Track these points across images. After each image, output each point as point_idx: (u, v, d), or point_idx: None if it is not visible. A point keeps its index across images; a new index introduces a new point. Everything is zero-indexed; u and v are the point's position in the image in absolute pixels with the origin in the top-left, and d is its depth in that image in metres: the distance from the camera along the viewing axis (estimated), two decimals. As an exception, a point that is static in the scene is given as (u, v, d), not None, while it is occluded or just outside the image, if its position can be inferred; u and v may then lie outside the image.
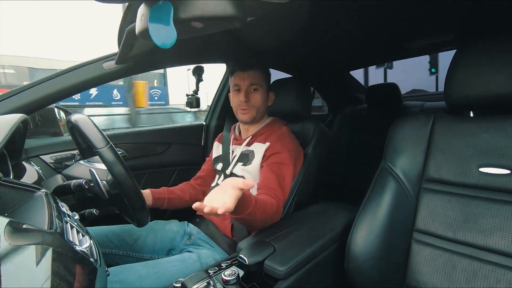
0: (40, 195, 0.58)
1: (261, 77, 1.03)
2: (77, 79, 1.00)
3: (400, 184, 0.74)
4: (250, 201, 0.72)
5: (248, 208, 0.72)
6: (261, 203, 0.77)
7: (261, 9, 0.53)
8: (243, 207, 0.71)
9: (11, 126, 0.66)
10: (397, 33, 1.15)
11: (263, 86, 1.03)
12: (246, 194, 0.71)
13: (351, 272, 0.73)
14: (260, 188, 0.91)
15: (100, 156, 0.69)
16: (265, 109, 1.07)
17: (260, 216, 0.77)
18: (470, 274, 0.62)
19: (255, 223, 0.79)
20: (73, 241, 0.50)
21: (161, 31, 0.46)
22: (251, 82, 1.01)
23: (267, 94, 1.06)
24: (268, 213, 0.80)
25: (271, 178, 0.91)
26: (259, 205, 0.75)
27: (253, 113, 1.02)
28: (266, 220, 0.81)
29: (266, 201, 0.81)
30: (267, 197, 0.86)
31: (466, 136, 0.68)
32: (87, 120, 0.72)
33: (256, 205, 0.74)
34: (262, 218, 0.78)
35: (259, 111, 1.03)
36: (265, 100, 1.05)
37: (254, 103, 1.02)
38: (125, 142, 1.42)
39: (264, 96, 1.04)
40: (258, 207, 0.75)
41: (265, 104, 1.06)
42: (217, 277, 0.66)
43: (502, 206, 0.61)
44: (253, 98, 1.02)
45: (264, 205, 0.79)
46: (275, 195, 0.88)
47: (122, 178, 0.69)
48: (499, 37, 0.63)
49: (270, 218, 0.82)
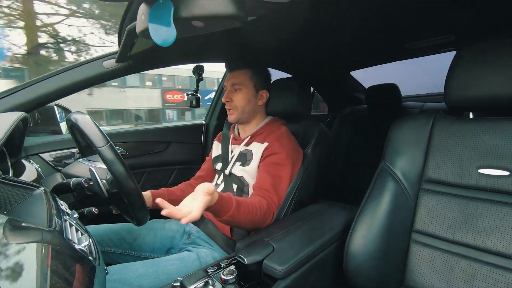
0: (40, 193, 0.58)
1: (246, 77, 1.01)
2: (77, 77, 1.00)
3: (400, 185, 0.74)
4: (230, 205, 0.73)
5: (228, 211, 0.73)
6: (246, 206, 0.78)
7: (262, 9, 0.53)
8: (222, 211, 0.72)
9: (10, 124, 0.66)
10: (398, 34, 1.15)
11: (248, 85, 1.02)
12: (225, 198, 0.73)
13: (350, 272, 0.73)
14: (255, 189, 0.91)
15: (100, 155, 0.68)
16: (254, 109, 1.05)
17: (244, 219, 0.78)
18: (469, 275, 0.62)
19: (241, 225, 0.80)
20: (72, 239, 0.50)
21: (161, 30, 0.46)
22: (233, 82, 1.02)
23: (255, 93, 1.04)
24: (255, 216, 0.80)
25: (266, 179, 0.91)
26: (242, 208, 0.76)
27: (236, 114, 1.02)
28: (254, 222, 0.81)
29: (253, 203, 0.81)
30: (258, 199, 0.86)
31: (466, 137, 0.69)
32: (87, 118, 0.72)
33: (239, 209, 0.75)
34: (248, 221, 0.79)
35: (244, 111, 1.02)
36: (250, 100, 1.03)
37: (237, 103, 1.01)
38: (125, 141, 1.42)
39: (248, 96, 1.02)
40: (242, 210, 0.76)
41: (252, 104, 1.04)
42: (216, 276, 0.66)
43: (501, 208, 0.61)
44: (235, 98, 1.01)
45: (250, 207, 0.79)
46: (268, 197, 0.88)
47: (121, 177, 0.69)
48: (499, 39, 0.63)
49: (259, 220, 0.82)
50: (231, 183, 1.01)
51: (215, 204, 0.69)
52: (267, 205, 0.85)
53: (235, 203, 0.75)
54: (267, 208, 0.85)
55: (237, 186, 0.99)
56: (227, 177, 1.03)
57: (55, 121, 1.60)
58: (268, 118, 1.10)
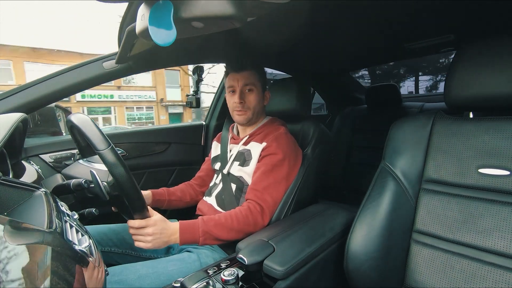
0: (40, 194, 0.58)
1: (255, 77, 1.02)
2: (77, 78, 1.00)
3: (400, 185, 0.74)
4: (196, 225, 0.80)
5: (198, 230, 0.79)
6: (216, 220, 0.82)
7: (262, 9, 0.53)
8: (193, 235, 0.79)
9: (10, 125, 0.66)
10: (398, 34, 1.15)
11: (258, 86, 1.02)
12: (189, 222, 0.80)
13: (350, 272, 0.73)
14: (248, 189, 0.92)
15: (101, 158, 0.68)
16: (261, 109, 1.06)
17: (221, 232, 0.81)
18: (469, 275, 0.62)
19: (224, 238, 0.83)
20: (72, 240, 0.50)
21: (161, 30, 0.46)
22: (245, 83, 1.00)
23: (263, 94, 1.05)
24: (233, 224, 0.83)
25: (261, 180, 0.91)
26: (213, 223, 0.81)
27: (248, 114, 1.02)
28: (235, 230, 0.83)
29: (226, 215, 0.84)
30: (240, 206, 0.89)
31: (466, 137, 0.69)
32: (87, 120, 0.72)
33: (208, 224, 0.81)
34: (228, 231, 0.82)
35: (254, 112, 1.03)
36: (260, 100, 1.04)
37: (250, 105, 1.01)
38: (125, 142, 1.42)
39: (259, 97, 1.03)
40: (212, 225, 0.81)
41: (261, 104, 1.05)
42: (217, 277, 0.66)
43: (501, 207, 0.61)
44: (248, 99, 1.01)
45: (223, 219, 0.83)
46: (257, 197, 0.89)
47: (123, 180, 0.69)
48: (499, 39, 0.63)
49: (243, 227, 0.84)
50: (230, 182, 1.01)
51: (181, 230, 0.77)
52: (248, 208, 0.86)
53: (201, 222, 0.80)
54: (248, 210, 0.86)
55: (236, 186, 0.99)
56: (225, 177, 1.03)
57: (55, 122, 1.60)
58: (267, 118, 1.10)
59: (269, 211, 0.90)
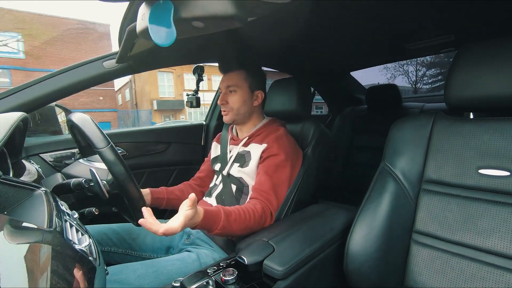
0: (40, 193, 0.58)
1: (240, 78, 1.02)
2: (78, 77, 0.99)
3: (400, 185, 0.74)
4: (218, 219, 0.75)
5: (218, 225, 0.75)
6: (237, 215, 0.80)
7: (262, 9, 0.53)
8: (212, 225, 0.75)
9: (11, 125, 0.66)
10: (398, 34, 1.15)
11: (243, 87, 1.02)
12: (212, 212, 0.75)
13: (350, 273, 0.73)
14: (253, 191, 0.92)
15: (100, 156, 0.68)
16: (249, 110, 1.05)
17: (237, 228, 0.79)
18: (469, 275, 0.62)
19: (235, 234, 0.81)
20: (72, 239, 0.50)
21: (161, 30, 0.46)
22: (227, 84, 1.02)
23: (251, 94, 1.04)
24: (249, 222, 0.81)
25: (265, 181, 0.91)
26: (233, 218, 0.78)
27: (231, 115, 1.03)
28: (248, 228, 0.82)
29: (245, 210, 0.82)
30: (253, 202, 0.87)
31: (466, 138, 0.69)
32: (87, 119, 0.72)
33: (229, 219, 0.77)
34: (242, 228, 0.80)
35: (239, 112, 1.03)
36: (246, 101, 1.03)
37: (232, 105, 1.02)
38: (125, 141, 1.43)
39: (244, 97, 1.02)
40: (232, 220, 0.78)
41: (248, 105, 1.04)
42: (216, 276, 0.66)
43: (501, 208, 0.61)
44: (230, 100, 1.02)
45: (242, 215, 0.81)
46: (265, 198, 0.88)
47: (122, 178, 0.69)
48: (499, 39, 0.63)
49: (253, 225, 0.83)
50: (230, 183, 1.01)
51: (202, 221, 0.72)
52: (262, 208, 0.86)
53: (224, 215, 0.77)
54: (262, 211, 0.85)
55: (236, 187, 0.99)
56: (225, 178, 1.03)
57: (55, 121, 1.61)
58: (266, 118, 1.10)
59: (274, 212, 0.90)
